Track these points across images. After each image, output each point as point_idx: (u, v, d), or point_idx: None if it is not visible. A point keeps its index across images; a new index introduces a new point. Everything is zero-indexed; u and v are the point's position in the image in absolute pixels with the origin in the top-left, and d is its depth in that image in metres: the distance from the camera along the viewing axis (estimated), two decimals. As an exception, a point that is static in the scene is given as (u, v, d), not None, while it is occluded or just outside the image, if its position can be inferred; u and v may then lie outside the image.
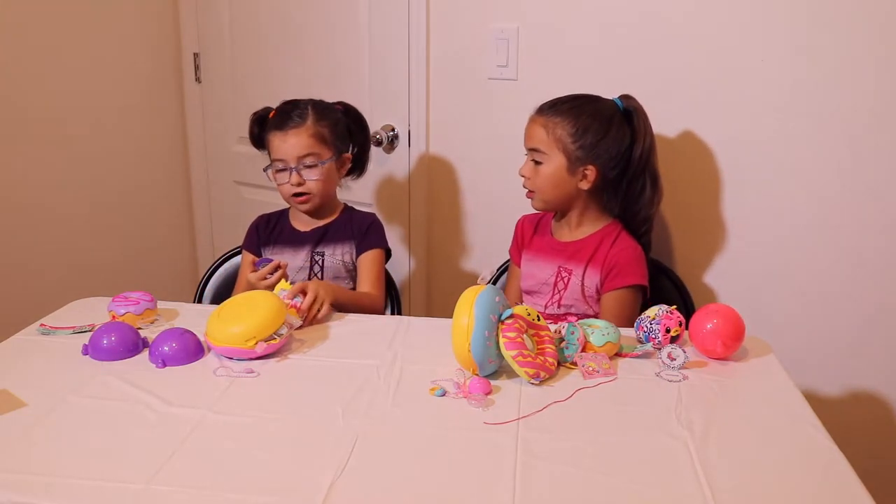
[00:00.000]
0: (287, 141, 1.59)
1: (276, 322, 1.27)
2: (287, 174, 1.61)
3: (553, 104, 1.55)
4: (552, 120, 1.52)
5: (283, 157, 1.60)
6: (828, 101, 1.53)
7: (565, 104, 1.54)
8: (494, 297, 1.19)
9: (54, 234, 2.17)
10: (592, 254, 1.57)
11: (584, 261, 1.57)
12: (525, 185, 1.59)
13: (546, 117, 1.53)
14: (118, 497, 0.90)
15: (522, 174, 1.58)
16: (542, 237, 1.67)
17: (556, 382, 1.19)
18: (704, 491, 0.90)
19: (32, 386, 1.16)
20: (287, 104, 1.66)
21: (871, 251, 1.56)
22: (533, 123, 1.56)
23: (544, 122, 1.53)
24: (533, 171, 1.56)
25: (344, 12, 2.07)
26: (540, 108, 1.56)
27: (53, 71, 2.09)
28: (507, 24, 1.83)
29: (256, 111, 1.69)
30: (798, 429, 1.05)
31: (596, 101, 1.55)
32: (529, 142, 1.56)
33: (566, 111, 1.52)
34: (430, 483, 0.93)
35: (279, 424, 1.06)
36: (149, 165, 2.44)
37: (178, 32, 2.44)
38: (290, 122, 1.60)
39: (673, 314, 1.31)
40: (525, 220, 1.73)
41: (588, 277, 1.56)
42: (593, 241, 1.58)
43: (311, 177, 1.61)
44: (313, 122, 1.61)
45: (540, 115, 1.55)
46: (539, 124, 1.54)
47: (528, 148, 1.57)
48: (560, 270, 1.59)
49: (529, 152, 1.57)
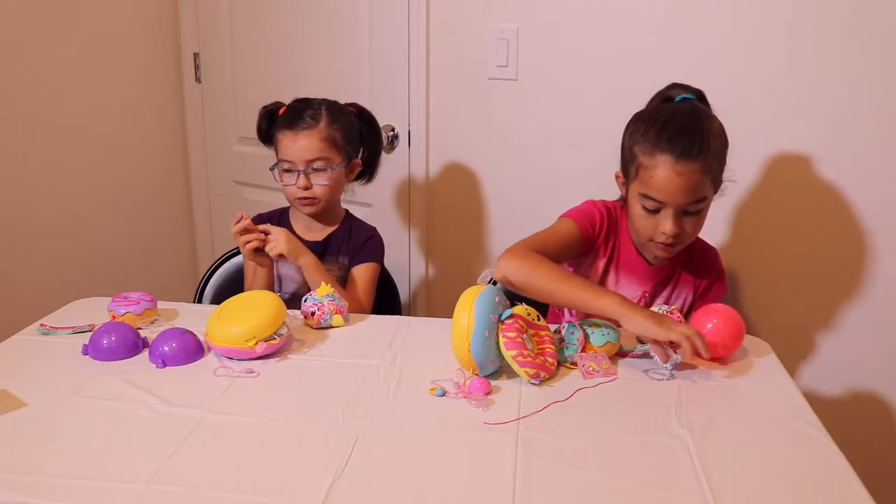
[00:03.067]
0: (297, 142, 1.54)
1: (276, 322, 1.27)
2: (294, 176, 1.56)
3: (700, 143, 1.28)
4: (711, 158, 1.29)
5: (292, 159, 1.55)
6: (826, 101, 1.53)
7: (704, 135, 1.28)
8: (494, 297, 1.19)
9: (54, 234, 2.17)
10: (678, 278, 1.47)
11: (671, 286, 1.47)
12: (671, 243, 1.33)
13: (707, 160, 1.28)
14: (118, 497, 0.90)
15: (679, 232, 1.31)
16: (629, 254, 1.46)
17: (556, 382, 1.19)
18: (704, 491, 0.90)
19: (32, 386, 1.16)
20: (300, 102, 1.60)
21: (872, 251, 1.56)
22: (692, 175, 1.27)
23: (707, 167, 1.28)
24: (689, 222, 1.32)
25: (344, 12, 2.07)
26: (690, 154, 1.27)
27: (53, 71, 2.09)
28: (507, 24, 1.83)
29: (266, 105, 1.63)
30: (798, 429, 1.05)
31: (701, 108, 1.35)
32: (692, 195, 1.29)
33: (710, 143, 1.29)
34: (430, 483, 0.93)
35: (279, 424, 1.06)
36: (149, 165, 2.44)
37: (178, 32, 2.44)
38: (302, 122, 1.54)
39: (673, 314, 1.31)
40: (606, 212, 1.46)
41: (674, 300, 1.48)
42: (678, 262, 1.46)
43: (318, 181, 1.56)
44: (326, 125, 1.55)
45: (699, 160, 1.27)
46: (701, 173, 1.28)
47: (691, 201, 1.30)
48: (643, 295, 1.47)
49: (689, 205, 1.30)
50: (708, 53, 1.62)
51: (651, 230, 1.34)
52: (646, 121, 1.34)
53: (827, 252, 1.61)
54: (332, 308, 1.40)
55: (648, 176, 1.30)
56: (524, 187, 1.92)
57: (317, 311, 1.39)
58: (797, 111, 1.57)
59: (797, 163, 1.59)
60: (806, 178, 1.59)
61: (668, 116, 1.32)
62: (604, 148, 1.76)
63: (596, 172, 1.79)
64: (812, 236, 1.61)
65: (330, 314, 1.39)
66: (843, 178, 1.56)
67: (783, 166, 1.60)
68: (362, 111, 1.68)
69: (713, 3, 1.59)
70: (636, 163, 1.33)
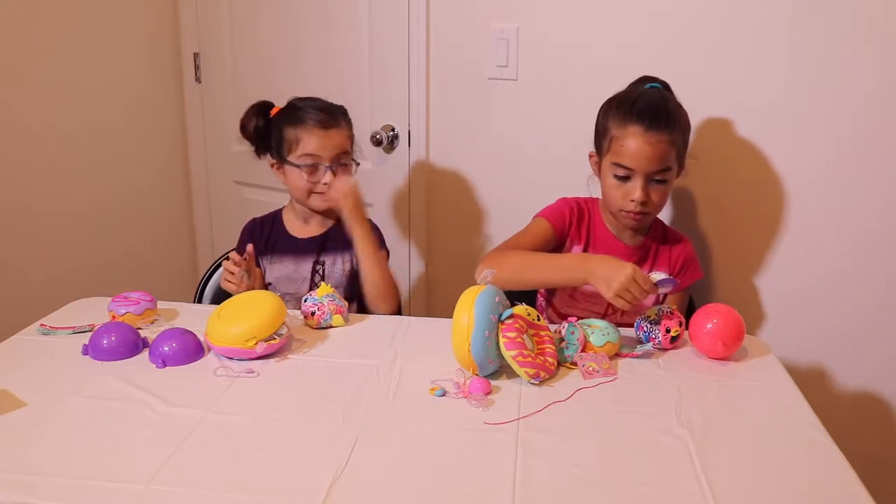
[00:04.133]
0: (331, 138, 1.58)
1: (276, 322, 1.27)
2: (318, 171, 1.59)
3: (666, 117, 1.40)
4: (676, 133, 1.41)
5: (320, 154, 1.58)
6: (825, 100, 1.53)
7: (670, 112, 1.41)
8: (494, 297, 1.19)
9: (54, 234, 2.17)
10: (655, 255, 1.55)
11: (650, 264, 1.54)
12: (640, 210, 1.43)
13: (672, 133, 1.40)
14: (118, 497, 0.90)
15: (646, 200, 1.42)
16: (603, 236, 1.55)
17: (556, 382, 1.19)
18: (704, 491, 0.90)
19: (32, 386, 1.16)
20: (314, 101, 1.63)
21: (872, 250, 1.56)
22: (660, 144, 1.39)
23: (672, 139, 1.40)
24: (657, 192, 1.43)
25: (344, 12, 2.07)
26: (657, 125, 1.39)
27: (53, 71, 2.09)
28: (507, 24, 1.83)
29: (256, 104, 1.65)
30: (798, 429, 1.06)
31: (667, 93, 1.48)
32: (658, 164, 1.40)
33: (675, 118, 1.41)
34: (430, 483, 0.93)
35: (279, 424, 1.06)
36: (149, 165, 2.44)
37: (178, 32, 2.44)
38: (334, 120, 1.60)
39: (673, 314, 1.31)
40: (579, 204, 1.58)
41: None
42: (652, 241, 1.55)
43: (344, 174, 1.61)
44: (348, 126, 1.63)
45: (666, 132, 1.39)
46: (668, 143, 1.39)
47: (656, 170, 1.41)
48: None
49: (656, 174, 1.41)
50: (708, 53, 1.62)
51: (621, 199, 1.44)
52: (618, 100, 1.47)
53: (827, 251, 1.61)
54: (332, 308, 1.40)
55: (620, 145, 1.42)
56: (524, 187, 1.92)
57: (317, 311, 1.39)
58: (797, 111, 1.56)
59: (797, 163, 1.59)
60: (806, 178, 1.59)
61: (639, 95, 1.45)
62: (604, 148, 1.77)
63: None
64: (812, 236, 1.61)
65: (330, 314, 1.39)
66: (843, 177, 1.56)
67: (784, 166, 1.60)
68: None
69: (713, 2, 1.59)
70: (609, 136, 1.45)
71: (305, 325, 1.41)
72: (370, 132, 2.05)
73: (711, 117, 1.65)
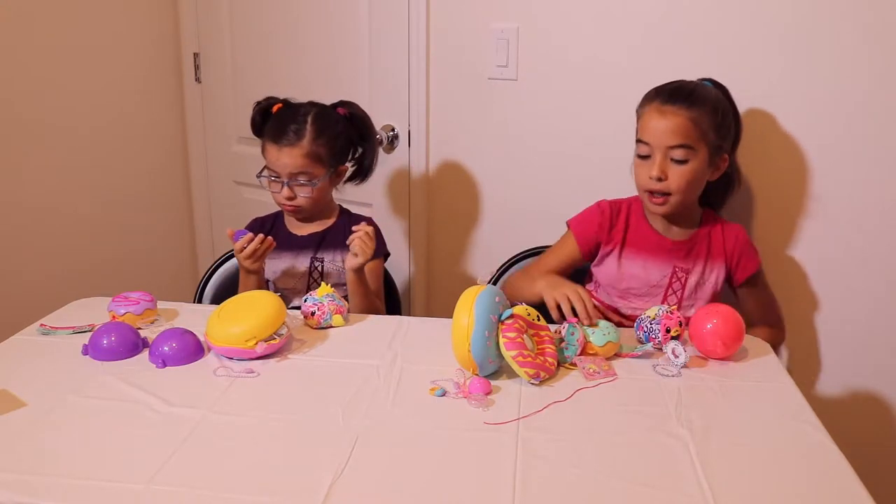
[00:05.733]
0: (281, 158, 1.56)
1: (276, 322, 1.27)
2: (279, 184, 1.59)
3: (687, 94, 1.41)
4: (698, 111, 1.39)
5: (276, 170, 1.58)
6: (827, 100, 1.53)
7: (695, 91, 1.42)
8: (494, 297, 1.19)
9: (54, 234, 2.17)
10: (708, 249, 1.52)
11: (703, 258, 1.51)
12: (658, 189, 1.42)
13: (691, 109, 1.39)
14: (118, 497, 0.90)
15: (660, 176, 1.41)
16: (643, 233, 1.53)
17: (556, 382, 1.19)
18: (704, 491, 0.90)
19: (32, 386, 1.16)
20: (287, 110, 1.61)
21: (872, 251, 1.56)
22: (675, 117, 1.39)
23: (692, 116, 1.39)
24: (677, 172, 1.41)
25: (344, 12, 2.07)
26: (676, 99, 1.40)
27: (53, 71, 2.09)
28: (507, 24, 1.83)
29: (259, 101, 1.65)
30: (798, 429, 1.06)
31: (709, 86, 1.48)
32: (674, 138, 1.39)
33: (701, 99, 1.41)
34: (430, 483, 0.93)
35: (279, 424, 1.06)
36: (149, 165, 2.44)
37: (178, 32, 2.44)
38: (286, 137, 1.56)
39: (673, 314, 1.31)
40: (611, 207, 1.56)
41: (708, 274, 1.51)
42: (703, 236, 1.52)
43: (301, 193, 1.59)
44: (310, 141, 1.56)
45: (683, 106, 1.39)
46: (685, 118, 1.38)
47: (672, 146, 1.39)
48: (676, 271, 1.51)
49: (670, 150, 1.40)
50: (708, 53, 1.61)
51: (644, 179, 1.45)
52: (657, 87, 1.47)
53: (827, 251, 1.61)
54: (332, 308, 1.40)
55: (641, 124, 1.45)
56: (524, 187, 1.92)
57: (317, 310, 1.39)
58: (797, 112, 1.56)
59: (797, 163, 1.59)
60: (807, 177, 1.59)
61: (675, 81, 1.47)
62: (604, 148, 1.77)
63: (596, 172, 1.79)
64: (812, 236, 1.61)
65: (330, 314, 1.39)
66: (843, 177, 1.55)
67: (784, 166, 1.60)
68: (353, 114, 1.67)
69: (714, 2, 1.59)
70: (638, 118, 1.47)
71: (305, 325, 1.41)
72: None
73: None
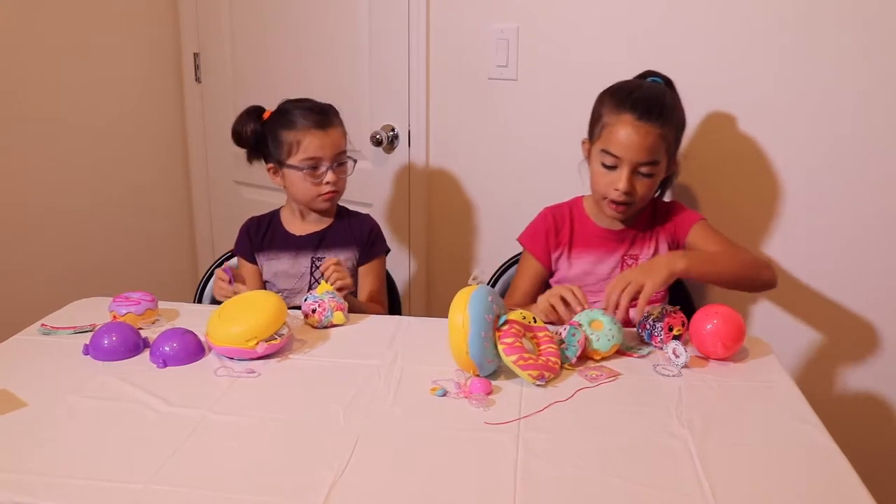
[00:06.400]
0: (330, 137, 1.60)
1: (276, 322, 1.27)
2: (321, 173, 1.60)
3: (658, 109, 1.40)
4: (668, 127, 1.41)
5: (321, 156, 1.59)
6: (825, 99, 1.53)
7: (665, 105, 1.42)
8: (487, 296, 1.19)
9: (54, 234, 2.17)
10: (650, 229, 1.54)
11: (648, 239, 1.54)
12: (622, 200, 1.43)
13: (664, 126, 1.40)
14: (118, 497, 0.90)
15: (630, 191, 1.42)
16: (589, 231, 1.56)
17: (558, 383, 1.19)
18: (704, 491, 0.90)
19: (33, 386, 1.16)
20: (306, 102, 1.63)
21: (872, 251, 1.56)
22: (649, 135, 1.39)
23: (662, 132, 1.40)
24: (643, 184, 1.43)
25: (344, 12, 2.07)
26: (649, 115, 1.39)
27: (53, 71, 2.09)
28: (507, 24, 1.83)
29: (246, 110, 1.65)
30: (798, 429, 1.06)
31: (667, 89, 1.48)
32: (647, 155, 1.40)
33: (670, 112, 1.42)
34: (430, 483, 0.93)
35: (279, 424, 1.06)
36: (149, 165, 2.44)
37: (178, 32, 2.44)
38: (329, 120, 1.61)
39: (676, 314, 1.31)
40: (554, 213, 1.58)
41: (656, 251, 1.53)
42: (643, 219, 1.54)
43: (342, 175, 1.64)
44: (341, 124, 1.64)
45: (657, 124, 1.39)
46: (657, 135, 1.39)
47: (643, 161, 1.40)
48: (625, 259, 1.54)
49: (642, 166, 1.41)
50: (708, 53, 1.62)
51: (606, 187, 1.45)
52: (616, 88, 1.47)
53: (827, 251, 1.61)
54: (333, 305, 1.40)
55: (610, 133, 1.42)
56: (524, 187, 1.92)
57: (317, 308, 1.39)
58: (797, 112, 1.56)
59: (797, 162, 1.59)
60: (806, 177, 1.59)
61: (637, 86, 1.46)
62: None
63: (596, 172, 1.79)
64: (813, 236, 1.61)
65: (331, 311, 1.39)
66: (844, 177, 1.56)
67: (784, 166, 1.61)
68: None
69: (714, 3, 1.59)
70: (601, 123, 1.45)
71: (306, 325, 1.41)
72: (370, 132, 2.05)
73: (711, 116, 1.65)
